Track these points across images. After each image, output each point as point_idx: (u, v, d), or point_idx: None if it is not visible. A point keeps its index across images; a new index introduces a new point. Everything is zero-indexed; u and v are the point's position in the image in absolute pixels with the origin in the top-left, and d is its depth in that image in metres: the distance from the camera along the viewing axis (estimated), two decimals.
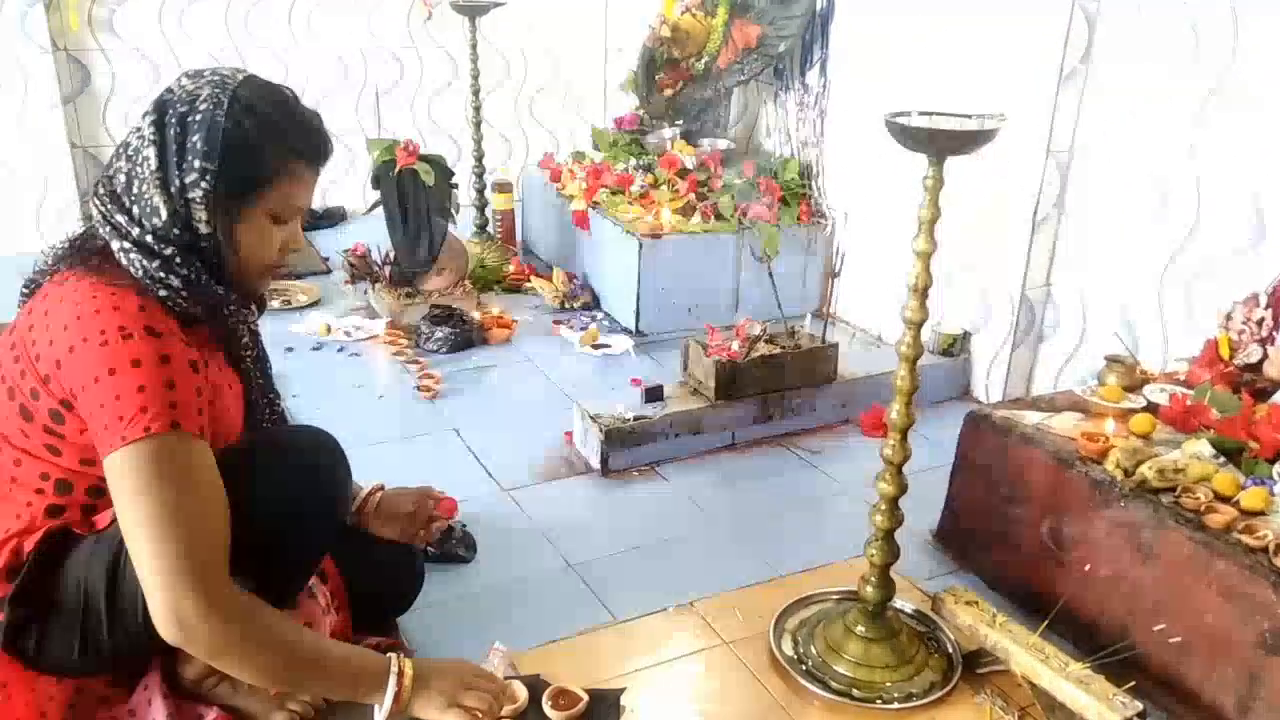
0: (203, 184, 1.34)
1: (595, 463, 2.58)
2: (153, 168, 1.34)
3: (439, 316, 3.33)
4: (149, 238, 1.35)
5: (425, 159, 3.48)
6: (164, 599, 1.26)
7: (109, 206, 1.37)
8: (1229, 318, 2.20)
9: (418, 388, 3.00)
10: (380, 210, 3.52)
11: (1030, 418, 2.10)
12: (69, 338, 1.29)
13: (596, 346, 3.33)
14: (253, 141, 1.36)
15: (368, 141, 3.64)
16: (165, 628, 1.27)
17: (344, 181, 4.71)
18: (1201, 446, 1.90)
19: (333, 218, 4.63)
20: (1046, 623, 1.81)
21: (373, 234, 3.77)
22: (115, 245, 1.35)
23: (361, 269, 3.68)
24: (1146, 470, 1.82)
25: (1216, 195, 2.41)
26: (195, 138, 1.34)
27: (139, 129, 1.37)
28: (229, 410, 1.50)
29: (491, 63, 4.81)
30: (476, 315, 3.43)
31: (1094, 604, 1.88)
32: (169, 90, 1.38)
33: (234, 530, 1.34)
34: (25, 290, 1.46)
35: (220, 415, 1.46)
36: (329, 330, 3.35)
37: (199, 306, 1.39)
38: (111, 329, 1.28)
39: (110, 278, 1.34)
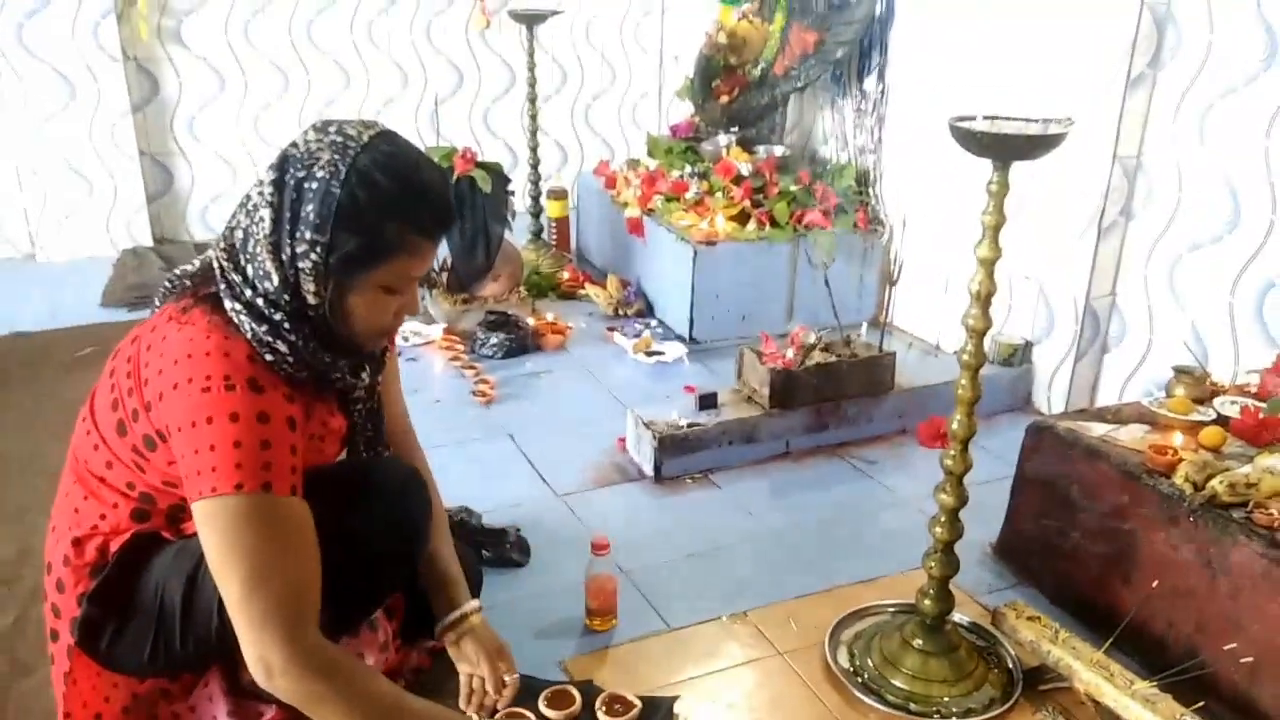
0: (312, 255, 1.30)
1: (648, 469, 2.57)
2: (266, 231, 1.31)
3: (494, 322, 3.35)
4: (260, 300, 1.32)
5: (482, 166, 3.51)
6: (254, 648, 1.28)
7: (226, 264, 1.35)
8: None
9: (473, 393, 3.02)
10: None
11: (1095, 429, 2.05)
12: (176, 374, 1.28)
13: (650, 353, 3.33)
14: (367, 217, 1.30)
15: (426, 149, 3.69)
16: (255, 673, 1.30)
17: None
18: (1274, 461, 1.83)
19: None
20: (1112, 640, 1.77)
21: None
22: (228, 305, 1.33)
23: None
24: (1217, 485, 1.77)
25: None
26: (309, 208, 1.29)
27: (261, 185, 1.33)
28: (326, 454, 1.50)
29: (548, 71, 4.85)
30: (531, 321, 3.45)
31: (1161, 621, 1.83)
32: (294, 145, 1.34)
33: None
34: (157, 302, 1.43)
35: (316, 456, 1.46)
36: None
37: (305, 372, 1.37)
38: (217, 376, 1.27)
39: (228, 318, 1.34)
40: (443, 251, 3.61)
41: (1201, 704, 1.62)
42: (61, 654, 1.46)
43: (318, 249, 1.30)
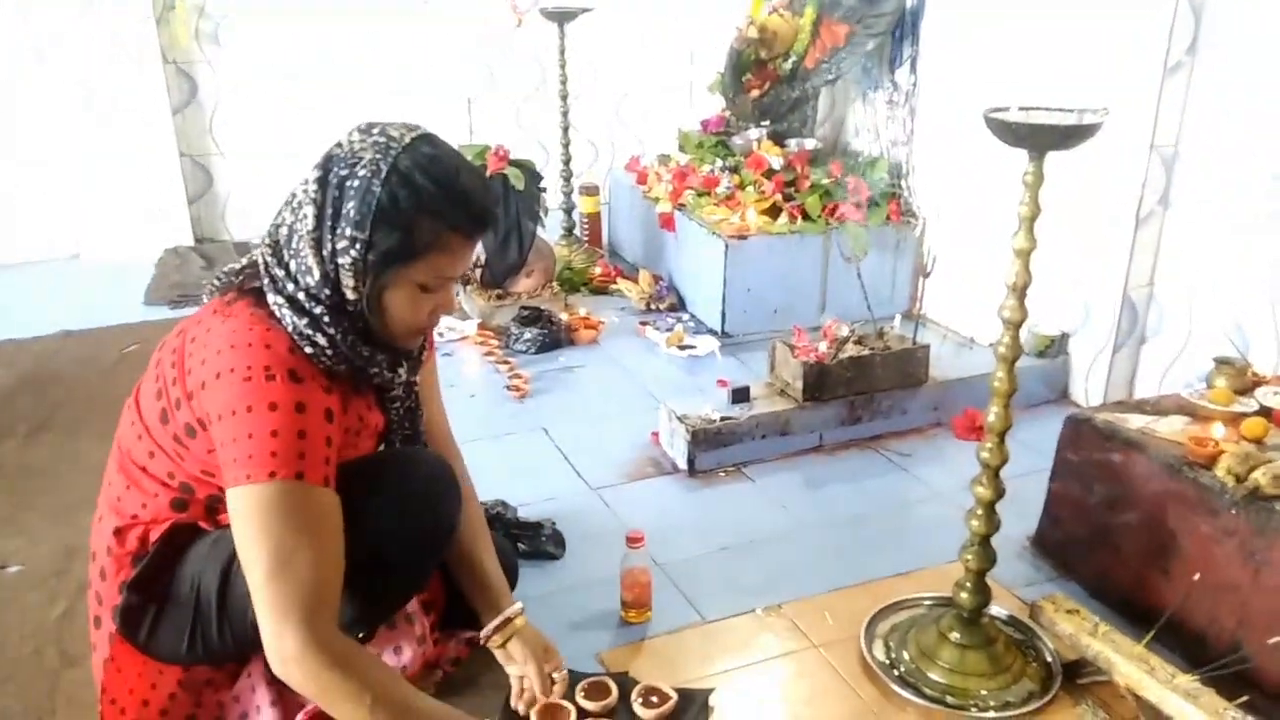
0: (352, 252, 1.34)
1: (682, 463, 2.58)
2: (309, 227, 1.35)
3: (528, 317, 3.38)
4: (301, 295, 1.36)
5: (515, 163, 3.54)
6: (271, 633, 1.31)
7: (270, 259, 1.39)
8: None
9: (508, 387, 3.05)
10: None
11: (1134, 421, 2.03)
12: (217, 364, 1.32)
13: (682, 347, 3.33)
14: (406, 215, 1.33)
15: (459, 147, 3.71)
16: (269, 657, 1.33)
17: None
18: None
19: None
20: (1153, 633, 1.75)
21: None
22: (270, 298, 1.37)
23: None
24: (1260, 476, 1.75)
25: None
26: (350, 205, 1.33)
27: (305, 182, 1.37)
28: (361, 449, 1.53)
29: (579, 68, 4.85)
30: (564, 316, 3.47)
31: (1203, 615, 1.81)
32: (338, 145, 1.38)
33: (345, 550, 1.37)
34: (205, 298, 1.47)
35: (352, 450, 1.49)
36: None
37: (343, 365, 1.40)
38: (257, 366, 1.31)
39: (271, 311, 1.37)
40: (477, 248, 3.64)
41: (1245, 698, 1.60)
42: (103, 641, 1.50)
43: (357, 245, 1.34)
